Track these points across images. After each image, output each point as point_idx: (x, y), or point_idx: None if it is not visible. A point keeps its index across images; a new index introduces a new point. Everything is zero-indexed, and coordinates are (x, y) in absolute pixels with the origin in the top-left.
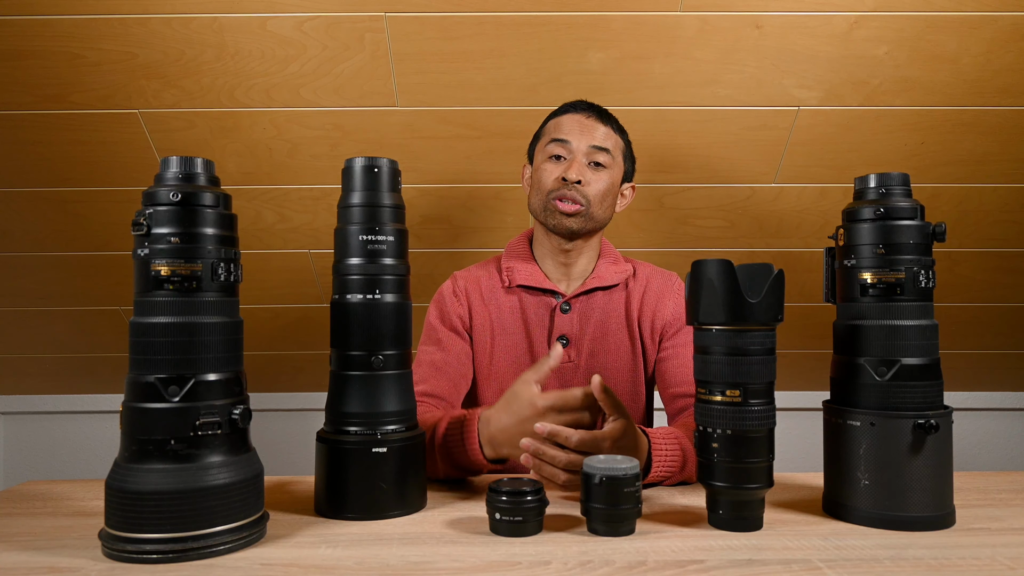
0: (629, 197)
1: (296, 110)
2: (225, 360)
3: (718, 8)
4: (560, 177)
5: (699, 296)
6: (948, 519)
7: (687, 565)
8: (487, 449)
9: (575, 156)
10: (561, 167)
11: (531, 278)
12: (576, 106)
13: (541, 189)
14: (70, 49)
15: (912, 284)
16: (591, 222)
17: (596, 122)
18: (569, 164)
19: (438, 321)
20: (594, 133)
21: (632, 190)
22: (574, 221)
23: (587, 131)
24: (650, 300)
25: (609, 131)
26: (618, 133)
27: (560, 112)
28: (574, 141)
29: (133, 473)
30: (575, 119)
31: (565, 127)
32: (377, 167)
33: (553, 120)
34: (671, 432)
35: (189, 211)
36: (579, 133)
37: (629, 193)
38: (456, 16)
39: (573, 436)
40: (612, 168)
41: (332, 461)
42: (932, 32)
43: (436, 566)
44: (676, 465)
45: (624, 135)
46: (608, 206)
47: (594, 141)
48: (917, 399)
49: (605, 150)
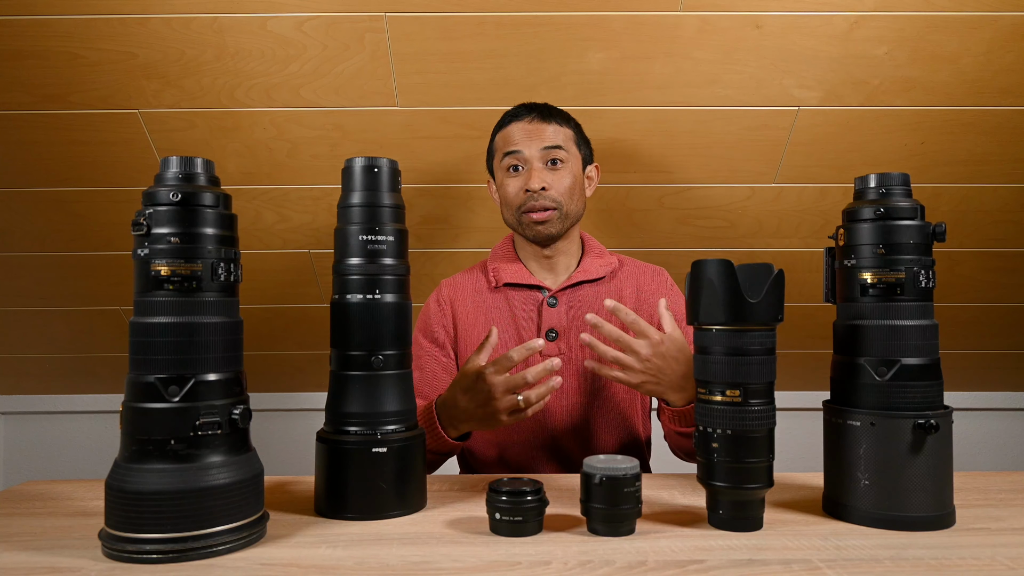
0: (596, 178)
1: (296, 110)
2: (225, 360)
3: (718, 8)
4: (524, 189)
5: (699, 296)
6: (948, 519)
7: (687, 565)
8: (450, 430)
9: (531, 163)
10: (522, 178)
11: (516, 275)
12: (516, 114)
13: (509, 204)
14: (70, 49)
15: (912, 284)
16: (567, 220)
17: (540, 123)
18: (528, 174)
19: (419, 334)
20: (543, 135)
21: (596, 170)
22: (550, 227)
23: (535, 135)
24: (644, 296)
25: (556, 126)
26: (565, 124)
27: (504, 124)
28: (525, 149)
29: (133, 473)
30: (519, 127)
31: (513, 137)
32: (377, 167)
33: (500, 133)
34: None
35: (189, 211)
36: (527, 139)
37: (595, 174)
38: (456, 16)
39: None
40: (570, 161)
41: (332, 461)
42: (932, 32)
43: (436, 566)
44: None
45: (571, 122)
46: (578, 199)
47: (545, 142)
48: (917, 399)
49: (558, 147)
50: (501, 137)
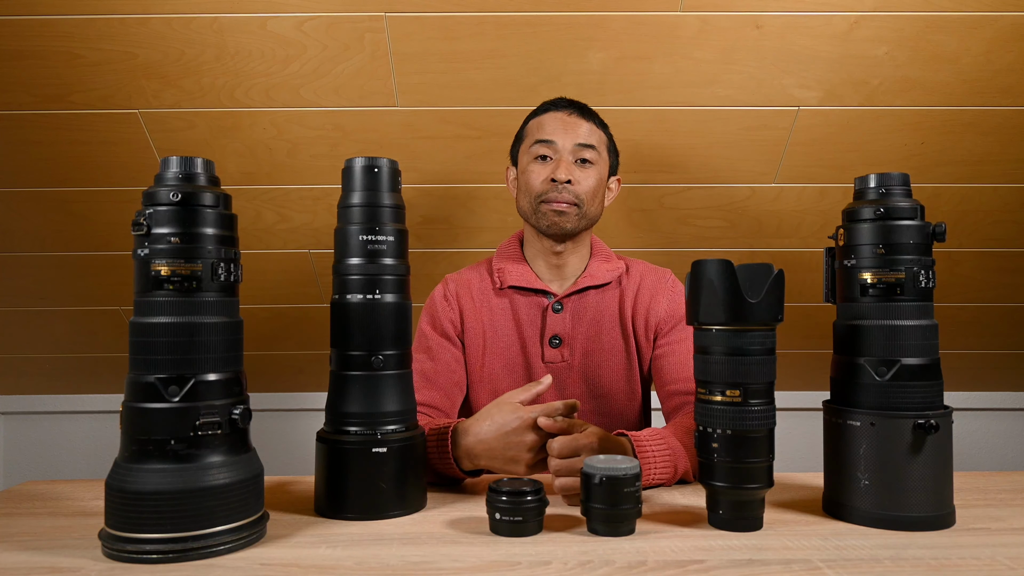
0: (616, 190)
1: (296, 110)
2: (225, 360)
3: (718, 8)
4: (549, 178)
5: (699, 296)
6: (948, 519)
7: (687, 565)
8: (464, 461)
9: (561, 155)
10: (549, 168)
11: (522, 279)
12: (557, 104)
13: (530, 192)
14: (70, 49)
15: (912, 284)
16: (584, 220)
17: (579, 119)
18: (557, 164)
19: (429, 327)
20: (578, 130)
21: (618, 183)
22: (567, 220)
23: (571, 129)
24: (643, 298)
25: (592, 127)
26: (600, 128)
27: (541, 111)
28: (559, 140)
29: (133, 473)
30: (557, 117)
31: (548, 127)
32: (377, 167)
33: (535, 120)
34: (655, 433)
35: (189, 211)
36: (563, 132)
37: (615, 186)
38: (456, 16)
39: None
40: (599, 164)
41: (332, 461)
42: (932, 32)
43: (436, 566)
44: (669, 469)
45: (606, 129)
46: (599, 202)
47: (579, 139)
48: (917, 399)
49: (591, 146)
50: (535, 123)
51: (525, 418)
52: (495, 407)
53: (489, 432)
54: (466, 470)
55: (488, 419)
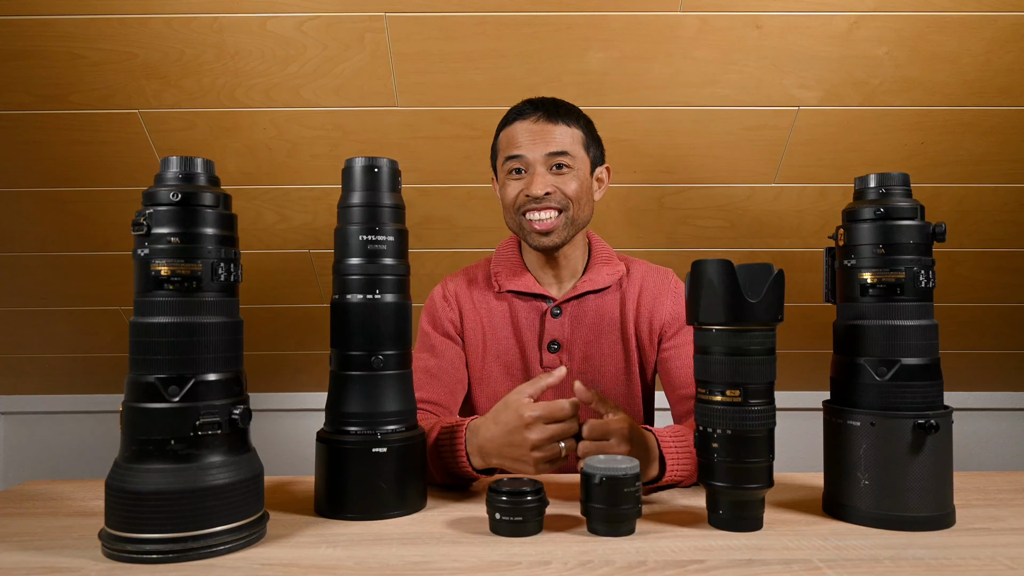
0: (606, 180)
1: (296, 110)
2: (225, 360)
3: (718, 8)
4: (525, 193)
5: (699, 296)
6: (948, 519)
7: (687, 565)
8: (475, 459)
9: (534, 168)
10: (523, 182)
11: (520, 283)
12: (522, 112)
13: (509, 208)
14: (70, 49)
15: (912, 284)
16: (573, 226)
17: (547, 124)
18: (531, 179)
19: (430, 327)
20: (548, 139)
21: (607, 172)
22: (555, 236)
23: (540, 138)
24: (646, 301)
25: (563, 128)
26: (574, 124)
27: (508, 122)
28: (528, 154)
29: (133, 473)
30: (524, 128)
31: (517, 139)
32: (377, 167)
33: (504, 133)
34: (678, 431)
35: (189, 211)
36: (531, 144)
37: (605, 176)
38: (456, 16)
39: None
40: (576, 167)
41: (332, 461)
42: (932, 32)
43: (436, 566)
44: (691, 465)
45: (580, 120)
46: (586, 203)
47: (550, 147)
48: (917, 399)
49: (563, 153)
50: (504, 137)
51: (525, 417)
52: (502, 406)
53: (496, 432)
54: (479, 469)
55: (495, 418)
